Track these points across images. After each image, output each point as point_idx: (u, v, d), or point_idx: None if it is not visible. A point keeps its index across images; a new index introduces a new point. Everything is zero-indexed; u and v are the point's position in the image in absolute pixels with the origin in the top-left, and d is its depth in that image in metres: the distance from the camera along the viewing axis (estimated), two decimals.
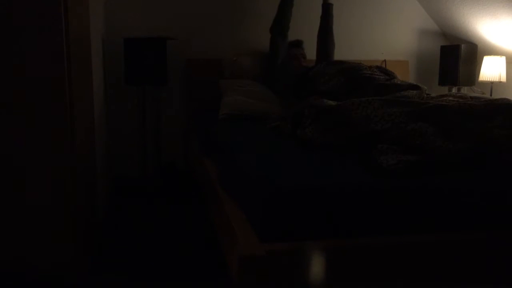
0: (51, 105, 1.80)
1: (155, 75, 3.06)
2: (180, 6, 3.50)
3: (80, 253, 1.99)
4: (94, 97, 2.56)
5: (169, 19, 3.47)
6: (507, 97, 2.27)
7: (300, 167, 1.67)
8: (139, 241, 2.51)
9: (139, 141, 3.39)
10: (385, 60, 3.79)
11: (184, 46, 3.47)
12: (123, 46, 3.05)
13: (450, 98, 2.45)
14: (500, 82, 3.42)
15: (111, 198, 3.23)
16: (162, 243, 2.49)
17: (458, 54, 3.54)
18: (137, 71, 3.05)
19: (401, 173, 1.54)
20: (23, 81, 1.78)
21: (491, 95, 3.48)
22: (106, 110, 3.22)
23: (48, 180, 1.85)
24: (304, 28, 3.54)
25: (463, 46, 3.55)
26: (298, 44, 3.45)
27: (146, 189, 3.32)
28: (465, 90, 3.72)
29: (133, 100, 3.41)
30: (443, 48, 3.72)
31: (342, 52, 3.68)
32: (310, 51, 3.48)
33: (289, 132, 2.13)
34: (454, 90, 3.74)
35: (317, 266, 1.40)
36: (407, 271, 1.48)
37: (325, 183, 1.49)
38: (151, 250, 2.39)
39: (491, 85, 3.48)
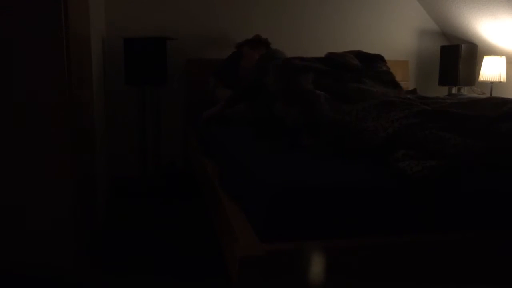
0: (51, 105, 1.80)
1: (155, 75, 3.06)
2: (180, 6, 3.50)
3: (80, 254, 1.99)
4: (94, 97, 2.56)
5: (169, 19, 3.47)
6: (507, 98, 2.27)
7: (301, 167, 1.67)
8: (139, 241, 2.51)
9: (139, 141, 3.39)
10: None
11: (184, 46, 3.47)
12: (123, 46, 3.05)
13: (448, 101, 2.45)
14: (500, 82, 3.43)
15: (111, 198, 3.23)
16: (162, 243, 2.49)
17: (458, 54, 3.54)
18: (137, 71, 3.05)
19: (428, 179, 1.52)
20: (23, 81, 1.78)
21: (491, 95, 3.48)
22: (106, 110, 3.22)
23: (48, 181, 1.85)
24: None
25: (463, 46, 3.56)
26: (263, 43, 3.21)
27: (146, 189, 3.32)
28: (465, 90, 3.72)
29: (133, 100, 3.42)
30: (443, 48, 3.73)
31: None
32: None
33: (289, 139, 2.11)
34: (454, 90, 3.74)
35: (317, 266, 1.40)
36: (407, 271, 1.48)
37: (328, 183, 1.49)
38: (151, 250, 2.39)
39: (491, 85, 3.48)
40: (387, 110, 1.91)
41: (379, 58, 3.12)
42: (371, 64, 2.96)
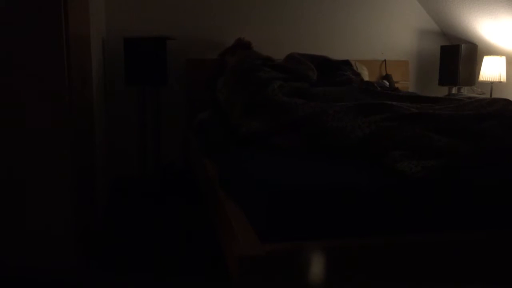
0: (51, 105, 1.80)
1: (155, 75, 3.06)
2: (180, 6, 3.50)
3: (80, 254, 1.99)
4: (94, 97, 2.57)
5: (169, 19, 3.47)
6: (506, 98, 2.27)
7: (300, 169, 1.68)
8: (139, 241, 2.51)
9: (139, 141, 3.39)
10: (385, 60, 3.79)
11: (184, 46, 3.47)
12: (123, 46, 3.05)
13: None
14: (500, 82, 3.43)
15: (111, 198, 3.23)
16: (162, 243, 2.49)
17: (458, 54, 3.54)
18: (137, 71, 3.05)
19: (427, 178, 1.53)
20: (23, 81, 1.78)
21: (491, 95, 3.48)
22: (106, 110, 3.22)
23: (48, 181, 1.85)
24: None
25: (463, 46, 3.55)
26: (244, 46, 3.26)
27: (146, 189, 3.32)
28: (465, 90, 3.72)
29: (133, 100, 3.42)
30: (443, 48, 3.72)
31: (342, 52, 3.68)
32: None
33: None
34: (454, 90, 3.74)
35: (317, 266, 1.40)
36: (407, 271, 1.48)
37: (326, 184, 1.49)
38: (151, 250, 2.39)
39: (491, 85, 3.48)
40: (366, 112, 1.92)
41: (344, 64, 3.12)
42: (335, 72, 2.96)
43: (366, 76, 3.52)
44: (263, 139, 2.05)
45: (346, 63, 3.18)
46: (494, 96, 3.46)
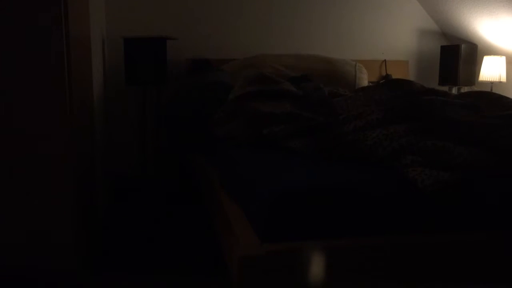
0: (51, 105, 1.80)
1: (155, 75, 3.06)
2: (180, 6, 3.50)
3: (81, 254, 1.99)
4: (94, 97, 2.56)
5: (169, 19, 3.47)
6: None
7: (302, 169, 1.68)
8: (139, 241, 2.51)
9: (139, 141, 3.39)
10: (385, 60, 3.79)
11: (184, 46, 3.47)
12: (123, 46, 3.05)
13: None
14: (500, 82, 3.42)
15: (111, 198, 3.23)
16: (162, 243, 2.49)
17: (458, 54, 3.54)
18: (137, 71, 3.05)
19: (439, 196, 1.50)
20: (23, 81, 1.78)
21: None
22: (106, 110, 3.22)
23: (48, 181, 1.85)
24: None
25: (463, 46, 3.55)
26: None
27: (146, 189, 3.32)
28: (465, 91, 3.72)
29: (133, 100, 3.42)
30: (443, 48, 3.72)
31: (342, 52, 3.68)
32: None
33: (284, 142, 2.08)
34: (454, 90, 3.74)
35: (317, 266, 1.40)
36: (407, 271, 1.48)
37: (326, 184, 1.49)
38: (151, 250, 2.39)
39: (491, 85, 3.48)
40: (387, 123, 1.87)
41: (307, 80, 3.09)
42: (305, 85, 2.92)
43: (365, 77, 3.52)
44: (282, 139, 2.02)
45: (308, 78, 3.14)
46: None
